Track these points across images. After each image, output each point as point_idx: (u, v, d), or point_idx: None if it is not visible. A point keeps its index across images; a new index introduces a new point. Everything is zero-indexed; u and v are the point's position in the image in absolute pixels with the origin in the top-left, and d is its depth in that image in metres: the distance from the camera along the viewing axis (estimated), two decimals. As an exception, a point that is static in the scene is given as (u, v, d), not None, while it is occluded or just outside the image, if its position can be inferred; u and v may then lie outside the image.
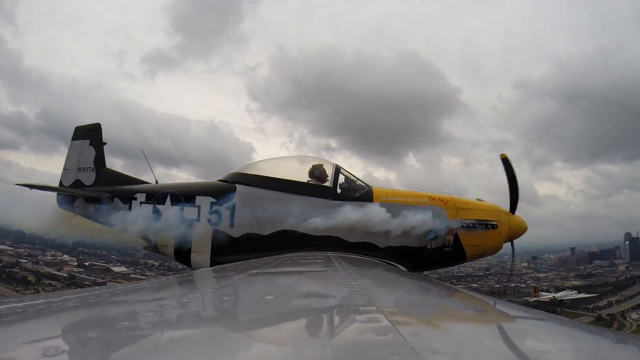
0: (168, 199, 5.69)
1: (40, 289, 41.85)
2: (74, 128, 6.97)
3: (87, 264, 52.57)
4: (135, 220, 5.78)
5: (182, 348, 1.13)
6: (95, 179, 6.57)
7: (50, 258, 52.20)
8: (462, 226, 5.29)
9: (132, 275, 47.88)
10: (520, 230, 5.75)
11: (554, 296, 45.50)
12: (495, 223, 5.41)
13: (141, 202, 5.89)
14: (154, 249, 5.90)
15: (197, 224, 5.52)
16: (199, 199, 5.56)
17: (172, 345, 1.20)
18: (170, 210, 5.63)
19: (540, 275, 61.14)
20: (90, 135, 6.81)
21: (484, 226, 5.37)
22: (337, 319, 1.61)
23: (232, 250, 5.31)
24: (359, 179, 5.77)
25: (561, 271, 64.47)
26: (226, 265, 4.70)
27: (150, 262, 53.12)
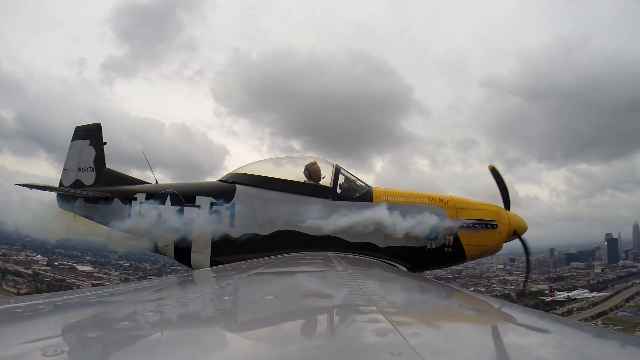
0: (168, 199, 5.70)
1: (3, 284, 44.44)
2: (49, 132, 7.04)
3: (56, 263, 54.14)
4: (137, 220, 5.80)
5: (182, 348, 1.13)
6: (95, 179, 6.58)
7: (22, 257, 53.86)
8: (462, 226, 5.31)
9: (95, 274, 50.70)
10: (521, 229, 5.76)
11: (568, 295, 47.15)
12: (495, 223, 5.42)
13: (141, 202, 5.90)
14: (154, 249, 5.90)
15: (197, 224, 5.52)
16: (199, 199, 5.57)
17: (172, 345, 1.20)
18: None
19: (510, 278, 58.32)
20: (90, 135, 6.83)
21: (484, 226, 5.37)
22: (337, 319, 1.61)
23: (232, 250, 5.31)
24: (359, 179, 5.78)
25: (534, 273, 61.50)
26: (226, 265, 4.70)
27: (121, 262, 55.14)
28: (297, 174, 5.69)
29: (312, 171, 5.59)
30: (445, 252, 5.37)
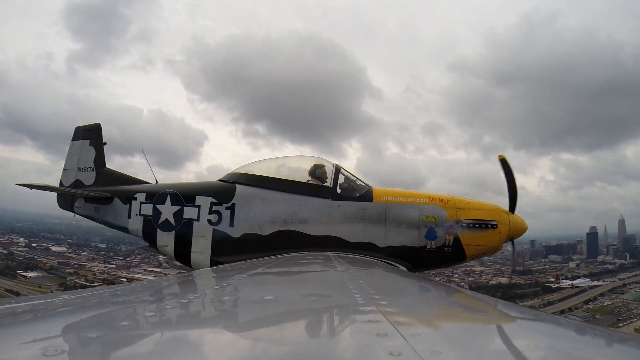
0: (168, 199, 5.70)
1: (-22, 260, 49.80)
2: (32, 121, 7.18)
3: (34, 245, 58.33)
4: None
5: (182, 348, 1.13)
6: (95, 179, 6.59)
7: (4, 239, 58.17)
8: (462, 226, 5.31)
9: (66, 254, 55.47)
10: (520, 230, 5.75)
11: (571, 283, 49.54)
12: (495, 223, 5.42)
13: (141, 202, 5.91)
14: (154, 248, 5.91)
15: (197, 224, 5.53)
16: (199, 199, 5.58)
17: (172, 345, 1.20)
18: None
19: (478, 269, 55.00)
20: (90, 135, 6.84)
21: (484, 226, 5.37)
22: (337, 319, 1.61)
23: (232, 250, 5.32)
24: (359, 179, 5.78)
25: (503, 266, 57.37)
26: (226, 265, 4.71)
27: (100, 244, 61.04)
28: (297, 174, 5.69)
29: (323, 172, 5.60)
30: (445, 252, 5.37)
